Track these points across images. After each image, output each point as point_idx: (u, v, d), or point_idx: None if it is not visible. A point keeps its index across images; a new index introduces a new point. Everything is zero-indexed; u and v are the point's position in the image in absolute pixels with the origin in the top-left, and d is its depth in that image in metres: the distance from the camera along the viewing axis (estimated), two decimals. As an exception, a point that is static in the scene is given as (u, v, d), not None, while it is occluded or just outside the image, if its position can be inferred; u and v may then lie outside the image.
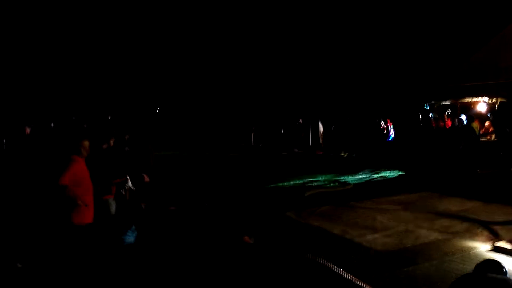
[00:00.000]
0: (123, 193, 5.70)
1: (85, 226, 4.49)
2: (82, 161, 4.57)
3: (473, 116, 12.87)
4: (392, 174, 12.19)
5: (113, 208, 5.28)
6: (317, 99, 23.16)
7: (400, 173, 12.21)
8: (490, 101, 13.54)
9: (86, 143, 4.54)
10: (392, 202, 8.45)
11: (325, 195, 9.28)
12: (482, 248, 5.69)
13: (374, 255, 5.57)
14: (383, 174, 12.22)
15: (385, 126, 17.44)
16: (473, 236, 6.19)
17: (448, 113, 15.29)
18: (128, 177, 5.87)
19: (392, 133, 16.83)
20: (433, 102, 15.44)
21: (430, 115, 15.38)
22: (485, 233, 6.28)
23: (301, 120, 24.80)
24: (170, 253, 5.44)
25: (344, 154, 18.67)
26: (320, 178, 11.52)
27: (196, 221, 6.85)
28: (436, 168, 12.01)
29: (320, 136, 22.80)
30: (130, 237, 4.95)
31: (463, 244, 5.88)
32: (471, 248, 5.70)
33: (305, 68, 23.01)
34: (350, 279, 4.30)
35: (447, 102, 15.22)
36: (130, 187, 5.96)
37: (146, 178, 6.65)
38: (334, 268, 4.58)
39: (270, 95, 26.29)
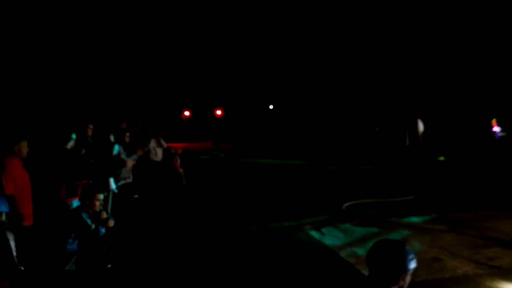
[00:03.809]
0: (106, 194, 5.75)
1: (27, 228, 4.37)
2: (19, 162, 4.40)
3: None
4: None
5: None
6: (418, 96, 20.98)
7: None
8: None
9: (23, 143, 4.35)
10: (442, 221, 7.11)
11: (370, 207, 8.27)
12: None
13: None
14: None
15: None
16: (516, 274, 4.83)
17: None
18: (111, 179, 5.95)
19: (498, 134, 14.30)
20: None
21: None
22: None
23: (401, 118, 22.85)
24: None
25: (442, 158, 16.64)
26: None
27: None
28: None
29: (419, 136, 20.58)
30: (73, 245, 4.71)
31: (493, 284, 4.62)
32: (498, 292, 4.45)
33: (407, 61, 21.05)
34: None
35: None
36: (112, 189, 6.06)
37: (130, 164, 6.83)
38: None
39: (366, 91, 24.71)
